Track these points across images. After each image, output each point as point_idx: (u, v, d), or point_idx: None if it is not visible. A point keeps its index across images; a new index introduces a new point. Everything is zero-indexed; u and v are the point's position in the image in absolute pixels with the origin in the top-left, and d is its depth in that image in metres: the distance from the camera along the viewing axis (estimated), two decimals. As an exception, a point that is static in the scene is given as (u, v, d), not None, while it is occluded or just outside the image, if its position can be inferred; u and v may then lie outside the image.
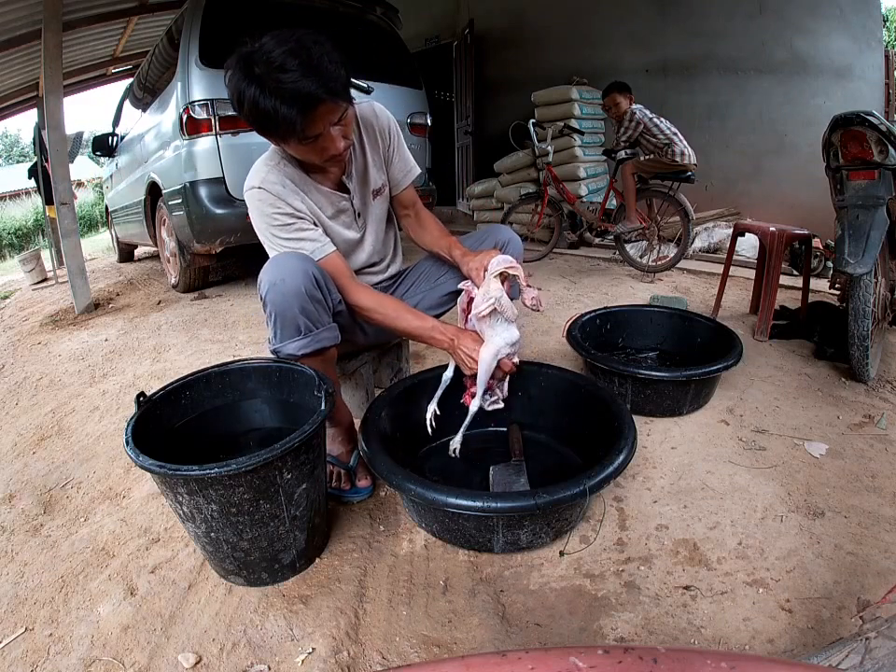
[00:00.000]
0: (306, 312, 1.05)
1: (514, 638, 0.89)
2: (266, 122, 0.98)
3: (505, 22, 5.69)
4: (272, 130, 1.00)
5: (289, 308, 1.04)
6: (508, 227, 1.48)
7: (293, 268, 1.05)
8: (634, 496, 1.24)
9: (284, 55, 0.93)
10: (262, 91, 0.94)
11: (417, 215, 1.38)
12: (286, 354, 1.09)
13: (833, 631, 0.87)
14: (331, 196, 1.21)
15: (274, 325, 1.08)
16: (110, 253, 6.25)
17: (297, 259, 1.07)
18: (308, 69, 0.94)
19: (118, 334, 2.65)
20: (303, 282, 1.04)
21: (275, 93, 0.93)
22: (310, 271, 1.05)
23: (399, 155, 1.30)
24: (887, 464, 1.32)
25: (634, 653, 0.35)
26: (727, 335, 1.69)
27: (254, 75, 0.94)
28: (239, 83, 0.96)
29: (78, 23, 4.19)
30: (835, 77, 4.06)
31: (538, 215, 3.69)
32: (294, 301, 1.03)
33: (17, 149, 30.02)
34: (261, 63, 0.94)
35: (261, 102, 0.94)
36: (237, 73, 0.96)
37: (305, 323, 1.07)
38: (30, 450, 1.61)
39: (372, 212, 1.31)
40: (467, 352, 1.17)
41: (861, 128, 1.55)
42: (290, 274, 1.04)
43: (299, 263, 1.05)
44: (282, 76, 0.92)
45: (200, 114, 2.65)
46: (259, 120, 0.99)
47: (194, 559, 1.09)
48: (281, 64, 0.92)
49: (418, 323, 1.18)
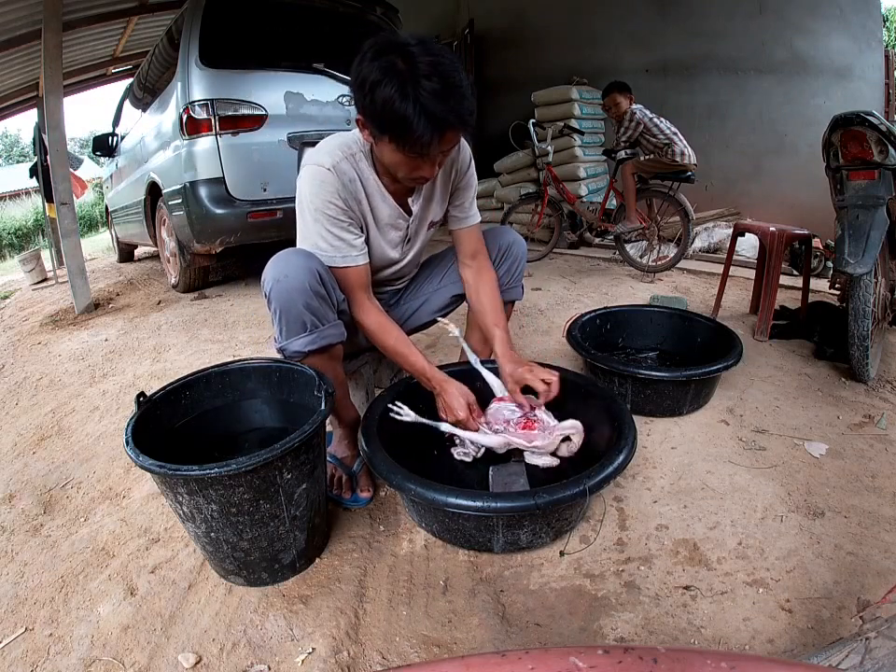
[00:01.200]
0: (311, 308, 1.05)
1: (514, 638, 0.89)
2: (388, 122, 0.93)
3: (505, 22, 5.70)
4: (387, 129, 0.94)
5: (294, 304, 1.03)
6: (510, 229, 1.48)
7: (297, 264, 1.04)
8: (634, 496, 1.24)
9: (431, 65, 0.89)
10: (402, 92, 0.88)
11: (479, 272, 1.29)
12: (292, 351, 1.09)
13: (833, 631, 0.87)
14: (394, 210, 1.18)
15: (279, 322, 1.07)
16: (110, 253, 6.25)
17: (301, 255, 1.06)
18: (452, 89, 0.90)
19: (118, 334, 2.65)
20: (307, 278, 1.03)
21: (415, 102, 0.88)
22: (314, 267, 1.04)
23: (467, 192, 1.26)
24: (887, 464, 1.32)
25: (634, 653, 0.35)
26: (727, 335, 1.69)
27: (396, 70, 0.89)
28: (376, 71, 0.90)
29: (78, 23, 4.18)
30: (835, 76, 4.06)
31: (538, 215, 3.69)
32: (298, 297, 1.03)
33: (17, 149, 30.00)
34: (407, 59, 0.89)
35: (397, 103, 0.89)
36: (377, 59, 0.91)
37: (311, 319, 1.06)
38: (30, 450, 1.61)
39: (422, 240, 1.30)
40: (448, 401, 1.17)
41: (861, 128, 1.55)
42: (294, 271, 1.03)
43: (303, 260, 1.04)
44: (426, 83, 0.88)
45: (200, 114, 2.65)
46: (382, 116, 0.92)
47: (194, 559, 1.09)
48: (427, 74, 0.88)
49: (412, 360, 1.17)
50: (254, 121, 2.75)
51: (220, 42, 2.74)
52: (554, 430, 1.17)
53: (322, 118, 2.95)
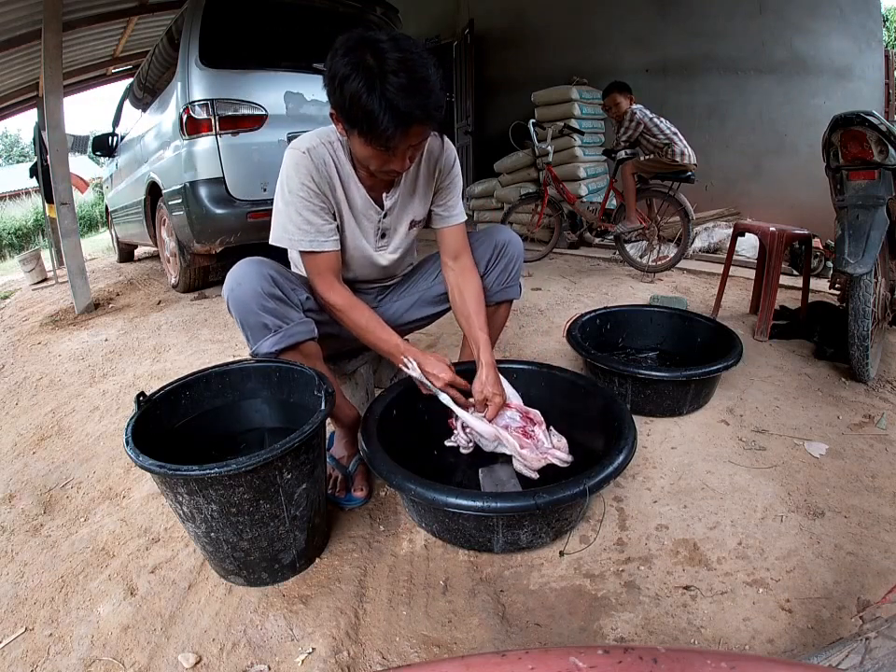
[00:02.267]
0: (267, 310, 1.07)
1: (514, 638, 0.89)
2: (356, 116, 0.94)
3: (505, 22, 5.70)
4: (356, 123, 0.96)
5: (250, 310, 1.07)
6: (508, 227, 1.48)
7: (248, 272, 1.07)
8: (634, 496, 1.24)
9: (399, 61, 0.90)
10: (369, 87, 0.90)
11: (461, 274, 1.28)
12: (263, 353, 1.11)
13: (833, 631, 0.87)
14: (365, 202, 1.19)
15: (244, 329, 1.11)
16: (110, 253, 6.25)
17: (252, 263, 1.09)
18: (418, 85, 0.92)
19: (118, 334, 2.65)
20: (259, 283, 1.06)
21: (380, 96, 0.90)
22: (265, 272, 1.08)
23: (452, 192, 1.27)
24: (887, 464, 1.32)
25: (634, 653, 0.35)
26: (727, 335, 1.69)
27: (365, 65, 0.91)
28: (345, 67, 0.92)
29: (78, 23, 4.18)
30: (835, 77, 4.06)
31: (538, 215, 3.69)
32: (252, 302, 1.06)
33: (17, 149, 29.99)
34: (376, 55, 0.91)
35: (363, 97, 0.91)
36: (348, 54, 0.92)
37: (272, 321, 1.09)
38: (30, 450, 1.61)
39: (403, 240, 1.30)
40: (429, 369, 1.18)
41: (861, 128, 1.55)
42: (246, 278, 1.07)
43: (254, 267, 1.08)
44: (393, 79, 0.90)
45: (200, 114, 2.65)
46: (350, 110, 0.95)
47: (194, 559, 1.09)
48: (395, 69, 0.90)
49: (384, 337, 1.18)
50: (254, 121, 2.75)
51: (220, 42, 2.74)
52: (545, 453, 1.17)
53: (322, 118, 2.94)
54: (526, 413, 1.23)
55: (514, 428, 1.20)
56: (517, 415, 1.23)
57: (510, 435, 1.18)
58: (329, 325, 1.24)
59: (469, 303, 1.27)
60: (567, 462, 1.17)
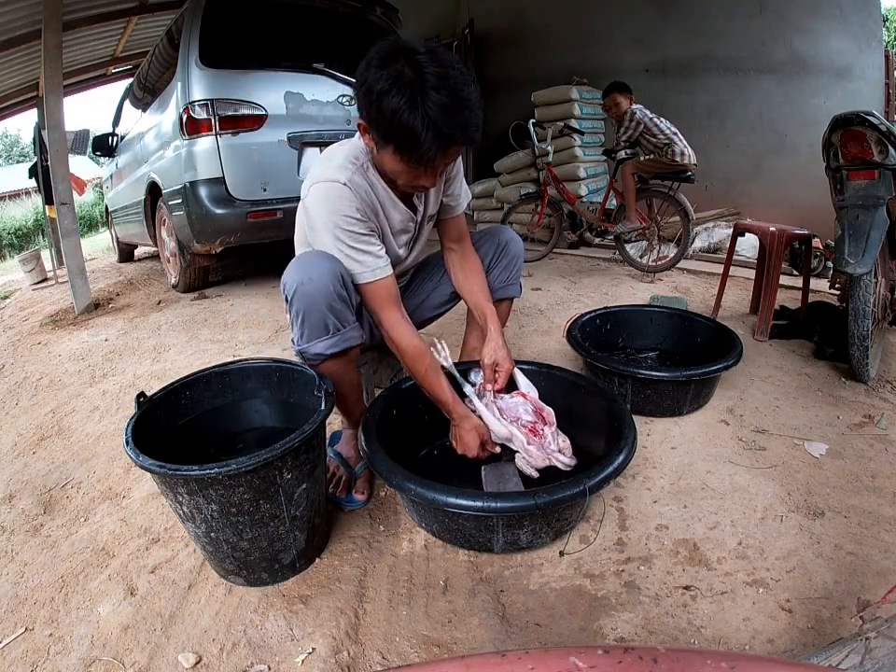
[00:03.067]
0: (334, 311, 1.04)
1: (514, 638, 0.89)
2: (394, 133, 0.91)
3: (505, 22, 5.70)
4: (392, 139, 0.93)
5: (318, 307, 1.02)
6: (507, 227, 1.48)
7: (321, 267, 1.03)
8: (634, 496, 1.24)
9: (440, 77, 0.87)
10: (410, 104, 0.87)
11: (464, 255, 1.30)
12: (313, 353, 1.08)
13: (833, 631, 0.87)
14: (404, 214, 1.18)
15: (302, 325, 1.06)
16: (110, 253, 6.24)
17: (324, 258, 1.04)
18: (461, 104, 0.89)
19: (118, 334, 2.65)
20: (331, 280, 1.02)
21: (423, 115, 0.87)
22: (337, 270, 1.03)
23: (458, 180, 1.26)
24: (887, 464, 1.32)
25: (634, 653, 0.35)
26: (727, 335, 1.69)
27: (405, 80, 0.87)
28: (384, 80, 0.88)
29: (78, 23, 4.18)
30: (835, 77, 4.06)
31: (538, 215, 3.69)
32: (322, 299, 1.02)
33: (17, 149, 30.00)
34: (415, 68, 0.87)
35: (405, 115, 0.87)
36: (385, 66, 0.89)
37: (334, 322, 1.05)
38: (30, 450, 1.61)
39: (423, 236, 1.30)
40: (462, 436, 1.19)
41: (861, 128, 1.55)
42: (318, 273, 1.02)
43: (326, 262, 1.03)
44: (435, 96, 0.87)
45: (200, 114, 2.65)
46: (389, 126, 0.91)
47: (194, 559, 1.09)
48: (436, 86, 0.87)
49: (438, 392, 1.16)
50: (254, 121, 2.75)
51: (220, 42, 2.74)
52: (550, 455, 1.18)
53: (322, 118, 2.95)
54: (540, 411, 1.23)
55: (525, 422, 1.21)
56: (531, 409, 1.23)
57: (518, 431, 1.18)
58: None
59: (473, 280, 1.28)
60: (570, 466, 1.18)
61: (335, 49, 3.02)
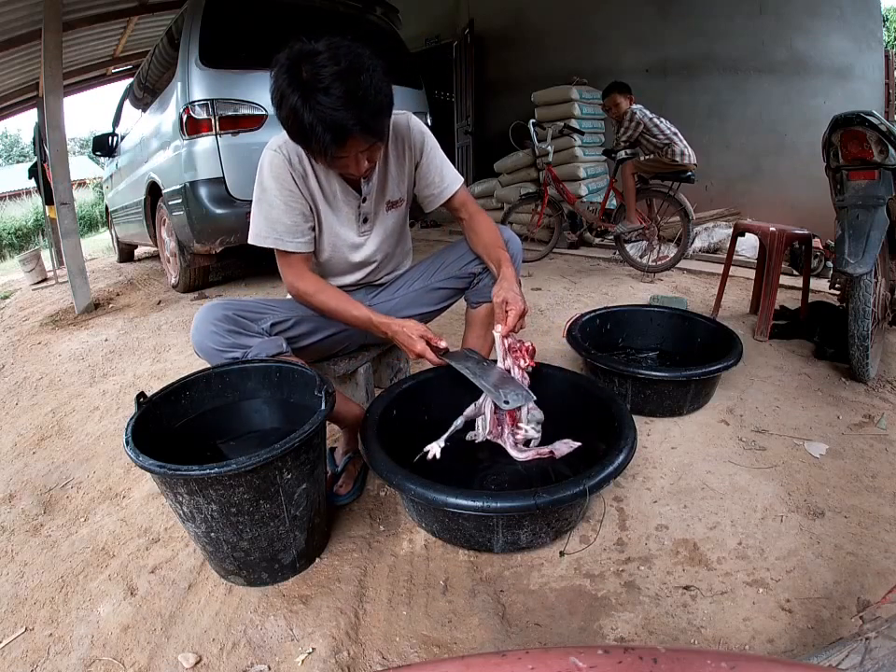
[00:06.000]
0: (227, 345, 1.13)
1: (514, 638, 0.89)
2: (299, 132, 0.99)
3: (505, 22, 5.70)
4: (302, 140, 1.02)
5: (212, 352, 1.13)
6: (505, 227, 1.48)
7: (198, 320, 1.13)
8: (634, 496, 1.24)
9: (333, 77, 0.92)
10: (304, 103, 0.93)
11: (471, 218, 1.33)
12: None
13: (833, 631, 0.87)
14: (345, 189, 1.21)
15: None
16: (110, 253, 6.25)
17: (201, 312, 1.13)
18: (351, 99, 0.93)
19: (118, 334, 2.65)
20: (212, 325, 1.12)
21: (314, 112, 0.93)
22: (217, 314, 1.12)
23: (433, 168, 1.28)
24: (887, 464, 1.32)
25: (634, 653, 0.35)
26: (727, 335, 1.69)
27: (300, 81, 0.94)
28: (283, 84, 0.95)
29: (78, 23, 4.18)
30: (835, 76, 4.06)
31: (538, 215, 3.69)
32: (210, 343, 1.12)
33: (17, 149, 29.98)
34: (310, 71, 0.93)
35: (301, 113, 0.94)
36: (285, 72, 0.95)
37: (240, 353, 1.14)
38: (30, 450, 1.61)
39: (383, 222, 1.30)
40: (402, 341, 1.16)
41: (861, 128, 1.55)
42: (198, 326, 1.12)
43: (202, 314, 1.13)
44: (324, 98, 0.92)
45: (200, 114, 2.65)
46: (293, 127, 0.99)
47: (194, 559, 1.09)
48: (327, 86, 0.92)
49: (356, 313, 1.19)
50: (254, 121, 2.75)
51: (220, 42, 2.74)
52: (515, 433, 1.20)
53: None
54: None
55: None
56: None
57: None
58: (305, 337, 1.28)
59: (484, 235, 1.31)
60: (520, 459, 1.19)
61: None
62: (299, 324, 1.26)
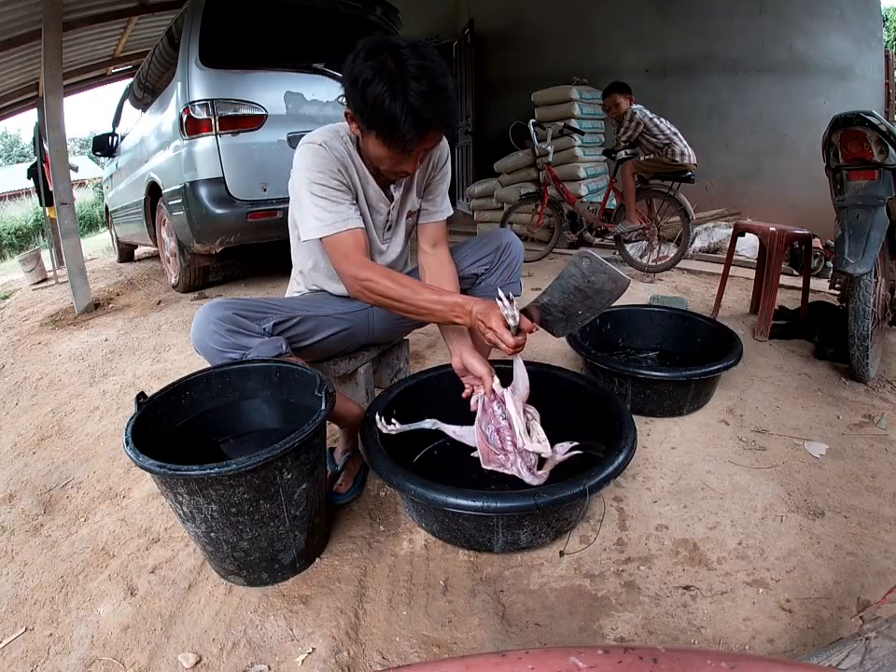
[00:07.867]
0: (227, 345, 1.12)
1: (514, 638, 0.89)
2: (376, 118, 0.97)
3: (505, 22, 5.70)
4: (374, 125, 0.99)
5: (213, 352, 1.13)
6: (507, 230, 1.48)
7: (198, 321, 1.12)
8: (634, 496, 1.24)
9: (420, 68, 0.94)
10: (391, 91, 0.93)
11: (441, 262, 1.27)
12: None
13: (833, 631, 0.87)
14: (377, 193, 1.21)
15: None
16: (110, 253, 6.24)
17: (201, 312, 1.13)
18: (438, 92, 0.95)
19: (118, 334, 2.65)
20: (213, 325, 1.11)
21: (402, 101, 0.93)
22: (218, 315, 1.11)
23: (439, 190, 1.29)
24: (887, 464, 1.32)
25: (634, 653, 0.35)
26: (727, 335, 1.69)
27: (387, 70, 0.93)
28: (368, 71, 0.94)
29: (78, 23, 4.18)
30: (835, 76, 4.06)
31: (538, 215, 3.69)
32: (212, 343, 1.12)
33: (17, 149, 29.97)
34: (397, 60, 0.94)
35: (386, 102, 0.93)
36: (370, 58, 0.95)
37: (238, 353, 1.14)
38: (30, 450, 1.61)
39: (401, 230, 1.32)
40: (489, 324, 1.00)
41: (861, 128, 1.55)
42: (197, 326, 1.12)
43: (203, 314, 1.12)
44: (415, 85, 0.93)
45: (200, 114, 2.65)
46: (371, 112, 0.97)
47: (194, 559, 1.09)
48: (416, 76, 0.93)
49: (445, 298, 1.05)
50: (254, 121, 2.75)
51: (220, 42, 2.74)
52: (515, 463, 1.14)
53: (322, 118, 2.94)
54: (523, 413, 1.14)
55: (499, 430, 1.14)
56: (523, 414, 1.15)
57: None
58: (307, 336, 1.27)
59: (446, 284, 1.22)
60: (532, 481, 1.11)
61: (335, 49, 3.01)
62: (301, 323, 1.25)
